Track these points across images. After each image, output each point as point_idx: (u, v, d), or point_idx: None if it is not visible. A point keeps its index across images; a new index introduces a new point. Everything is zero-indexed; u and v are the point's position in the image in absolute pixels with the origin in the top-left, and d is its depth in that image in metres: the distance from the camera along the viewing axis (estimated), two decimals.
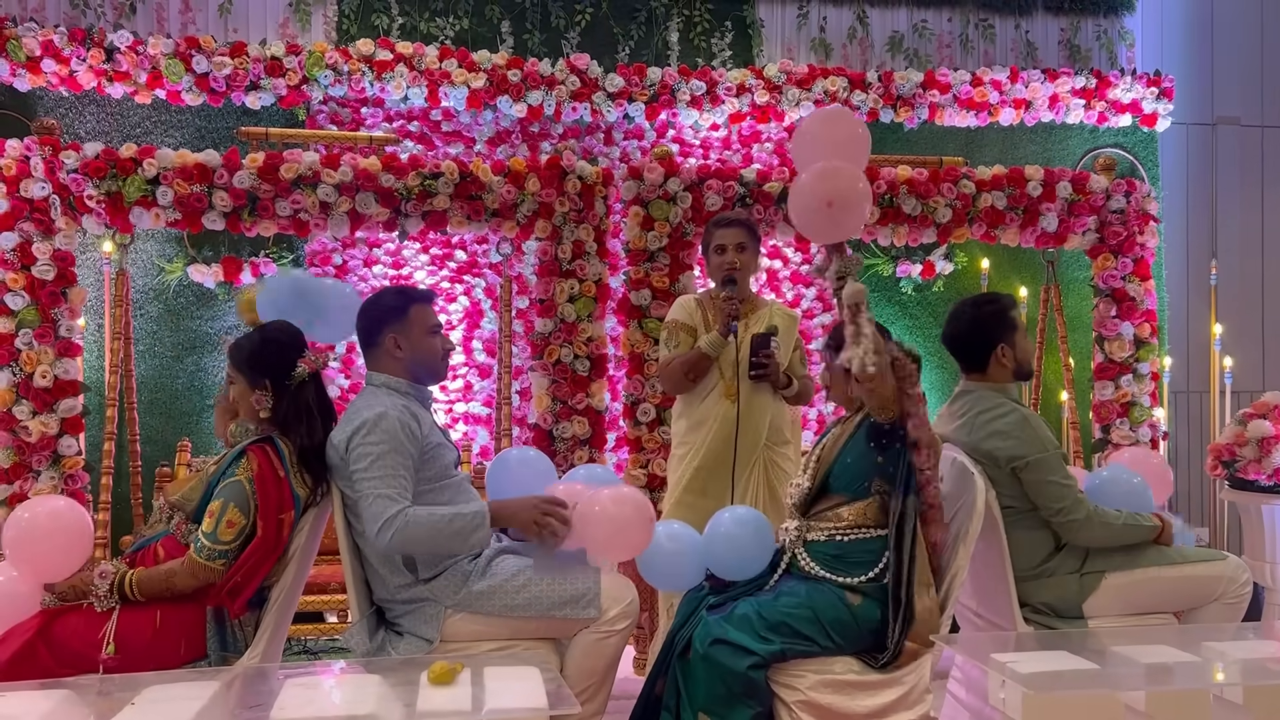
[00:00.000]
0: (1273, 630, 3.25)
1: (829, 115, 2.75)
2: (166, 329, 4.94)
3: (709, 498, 3.39)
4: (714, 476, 3.42)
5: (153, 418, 4.85)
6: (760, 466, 3.44)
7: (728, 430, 3.39)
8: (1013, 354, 3.07)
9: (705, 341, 3.42)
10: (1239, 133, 6.10)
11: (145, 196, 4.02)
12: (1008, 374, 3.08)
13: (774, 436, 3.46)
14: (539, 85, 5.02)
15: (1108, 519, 2.93)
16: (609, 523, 2.59)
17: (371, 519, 2.51)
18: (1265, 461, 3.99)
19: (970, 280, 5.49)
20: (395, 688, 2.13)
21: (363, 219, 4.17)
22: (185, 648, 2.54)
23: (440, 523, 2.52)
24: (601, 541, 2.61)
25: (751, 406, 3.40)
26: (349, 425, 2.61)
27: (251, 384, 2.68)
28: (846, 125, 2.67)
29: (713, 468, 3.42)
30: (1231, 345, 5.65)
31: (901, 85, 5.31)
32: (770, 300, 3.64)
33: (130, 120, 4.97)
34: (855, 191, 2.59)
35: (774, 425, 3.46)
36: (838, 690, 2.58)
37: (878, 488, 2.72)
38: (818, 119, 2.70)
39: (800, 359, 3.59)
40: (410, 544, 2.53)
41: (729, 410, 3.40)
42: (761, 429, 3.43)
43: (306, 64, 4.85)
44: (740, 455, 3.39)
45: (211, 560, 2.51)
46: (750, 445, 3.41)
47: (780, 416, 3.49)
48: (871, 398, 2.65)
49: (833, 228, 2.62)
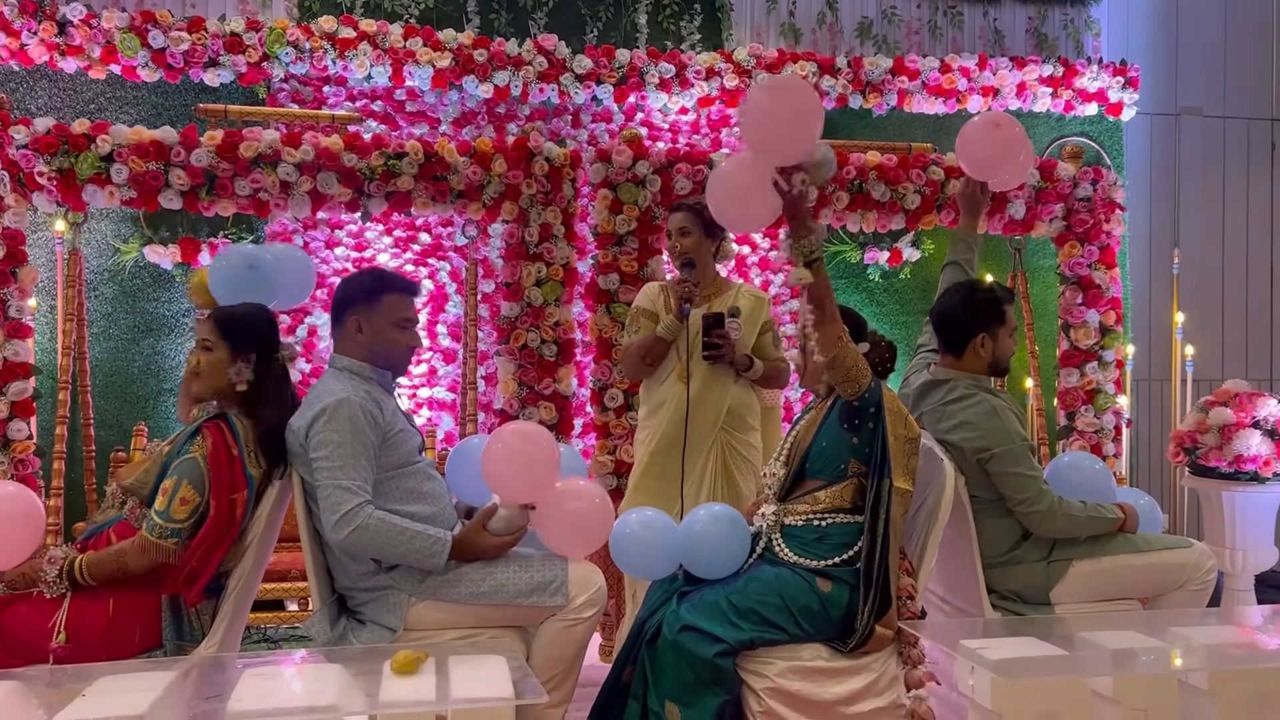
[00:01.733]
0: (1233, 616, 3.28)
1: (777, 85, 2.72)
2: (122, 311, 4.82)
3: (666, 481, 3.36)
4: (670, 459, 3.38)
5: (107, 401, 4.74)
6: (716, 451, 3.39)
7: (681, 413, 3.35)
8: (992, 346, 3.06)
9: (661, 325, 3.39)
10: (1202, 123, 6.16)
11: (99, 174, 3.92)
12: (983, 365, 3.07)
13: (734, 422, 3.41)
14: (505, 65, 4.95)
15: (1071, 510, 2.94)
16: (568, 519, 2.65)
17: (329, 509, 2.47)
18: (1226, 449, 4.02)
19: (937, 267, 5.47)
20: (357, 677, 2.08)
21: (324, 199, 4.08)
22: (140, 636, 2.48)
23: (400, 536, 2.49)
24: (562, 539, 2.67)
25: (706, 388, 3.35)
26: (309, 410, 2.55)
27: (234, 353, 2.61)
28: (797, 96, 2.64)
29: (667, 451, 3.38)
30: (1193, 334, 5.71)
31: (871, 71, 5.29)
32: (738, 283, 3.60)
33: (84, 96, 4.83)
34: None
35: (734, 410, 3.40)
36: (806, 677, 2.57)
37: (854, 470, 2.71)
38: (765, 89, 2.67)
39: (773, 341, 3.54)
40: (365, 546, 2.49)
41: (682, 392, 3.36)
42: (718, 412, 3.37)
43: (267, 41, 4.74)
44: (692, 438, 3.33)
45: (163, 539, 2.44)
46: (705, 428, 3.36)
47: (743, 402, 3.43)
48: (835, 373, 2.64)
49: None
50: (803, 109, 2.59)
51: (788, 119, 2.57)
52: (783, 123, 2.57)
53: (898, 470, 2.65)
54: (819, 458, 2.76)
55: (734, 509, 2.82)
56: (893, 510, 2.63)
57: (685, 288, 3.33)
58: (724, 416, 3.38)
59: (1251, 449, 3.97)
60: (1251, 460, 3.98)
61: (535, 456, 2.62)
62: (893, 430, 2.66)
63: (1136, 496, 3.22)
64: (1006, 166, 3.24)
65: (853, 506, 2.71)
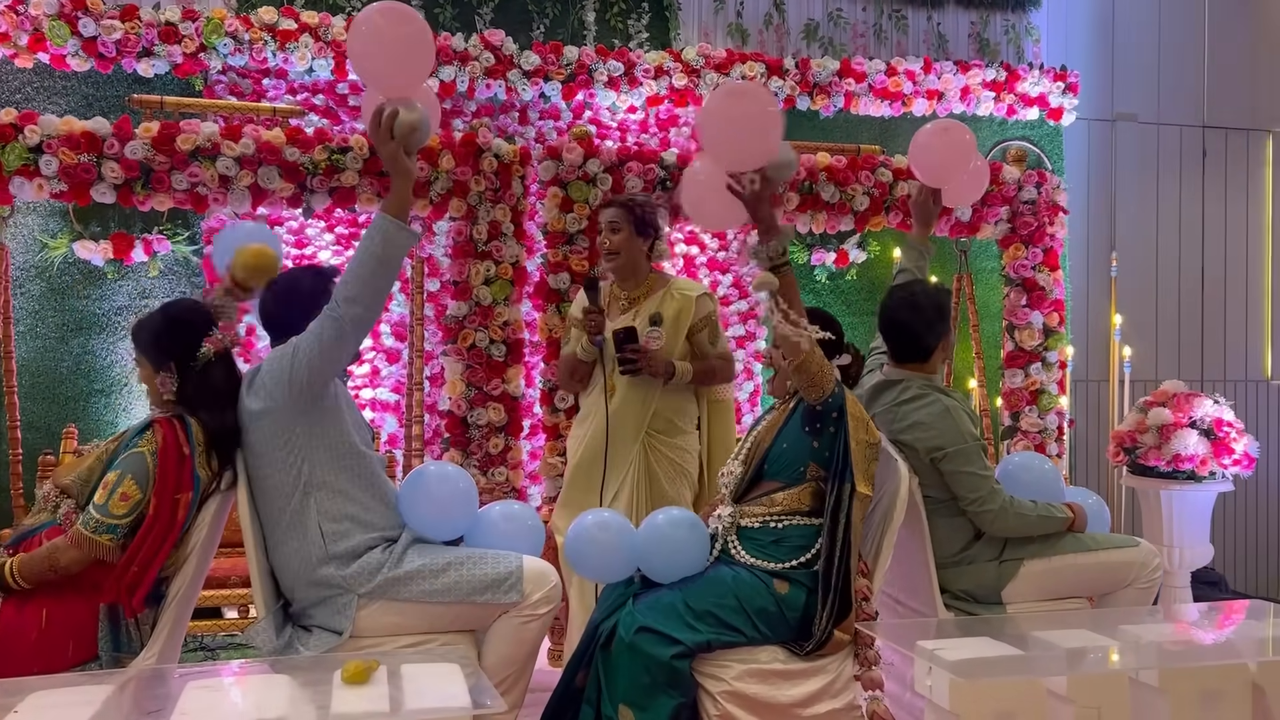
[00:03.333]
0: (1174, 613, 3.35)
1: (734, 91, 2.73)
2: (50, 309, 4.64)
3: (589, 494, 3.32)
4: (592, 473, 3.34)
5: (34, 403, 4.56)
6: (639, 459, 3.32)
7: (601, 428, 3.30)
8: (948, 342, 3.13)
9: (580, 348, 3.35)
10: (1137, 129, 6.30)
11: (26, 165, 3.76)
12: (934, 366, 3.10)
13: (661, 426, 3.34)
14: (451, 60, 4.87)
15: (1023, 510, 2.97)
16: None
17: (315, 326, 2.48)
18: (1165, 448, 4.11)
19: (883, 269, 5.53)
20: (306, 688, 2.01)
21: (265, 194, 3.97)
22: (74, 648, 2.37)
23: (365, 262, 2.45)
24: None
25: (627, 401, 3.30)
26: (278, 359, 2.52)
27: (156, 367, 2.55)
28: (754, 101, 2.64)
29: (589, 465, 3.35)
30: (1130, 335, 5.83)
31: (818, 73, 5.31)
32: (671, 279, 3.50)
33: (9, 85, 4.65)
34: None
35: (661, 415, 3.34)
36: (763, 680, 2.56)
37: (813, 474, 2.70)
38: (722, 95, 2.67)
39: (709, 338, 3.41)
40: (352, 286, 2.44)
41: (603, 407, 3.31)
42: (640, 422, 3.32)
43: (204, 31, 4.60)
44: (614, 451, 3.29)
45: (98, 533, 2.35)
46: (627, 439, 3.30)
47: (673, 406, 3.36)
48: (800, 377, 2.62)
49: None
50: (763, 118, 2.58)
51: (747, 128, 2.57)
52: (742, 131, 2.56)
53: (859, 475, 2.64)
54: (778, 459, 2.74)
55: (692, 513, 2.78)
56: (853, 514, 2.63)
57: (590, 320, 3.28)
58: (648, 423, 3.33)
59: (1189, 448, 4.06)
60: (1189, 459, 4.07)
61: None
62: (854, 435, 2.65)
63: (1084, 496, 3.26)
64: (958, 172, 3.30)
65: (810, 509, 2.70)
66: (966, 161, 3.31)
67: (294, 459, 2.51)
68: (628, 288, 3.44)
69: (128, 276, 4.71)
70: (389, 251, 2.45)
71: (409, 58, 2.53)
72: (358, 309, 2.44)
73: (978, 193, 3.53)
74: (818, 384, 2.63)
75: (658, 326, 3.32)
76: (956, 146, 3.28)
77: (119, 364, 4.71)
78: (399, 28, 2.50)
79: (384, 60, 2.51)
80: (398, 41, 2.50)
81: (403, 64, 2.53)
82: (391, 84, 2.53)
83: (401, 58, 2.52)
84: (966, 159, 3.31)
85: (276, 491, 2.53)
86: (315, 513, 2.50)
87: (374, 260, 2.44)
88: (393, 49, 2.49)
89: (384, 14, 2.51)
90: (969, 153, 3.31)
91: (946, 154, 3.29)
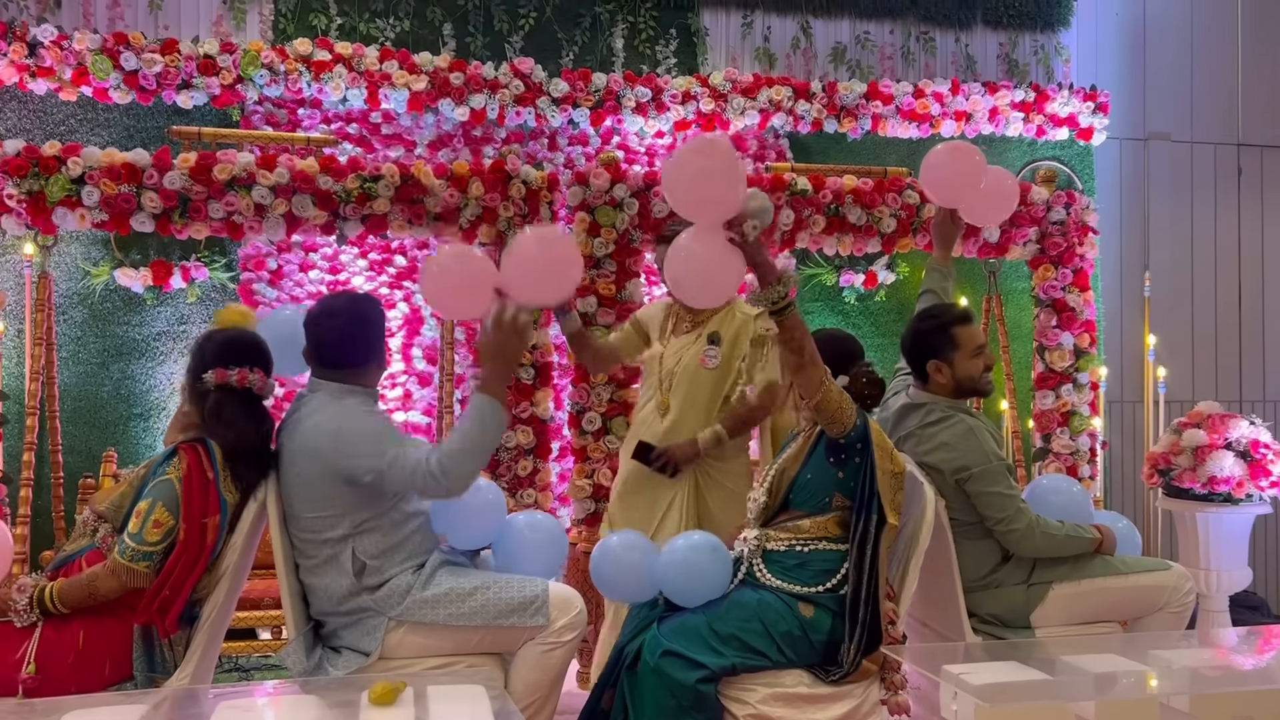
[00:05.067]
0: (1211, 638, 3.31)
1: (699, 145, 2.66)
2: (91, 335, 4.75)
3: (637, 511, 3.31)
4: (640, 493, 3.33)
5: (76, 427, 4.66)
6: (690, 485, 3.29)
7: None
8: (950, 371, 3.04)
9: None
10: (1170, 148, 6.25)
11: (69, 196, 3.86)
12: (947, 389, 3.07)
13: (713, 453, 3.30)
14: (482, 89, 4.94)
15: (1049, 529, 2.94)
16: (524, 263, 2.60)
17: (413, 468, 2.47)
18: (1200, 470, 4.06)
19: (912, 290, 5.52)
20: (334, 708, 2.05)
21: (299, 222, 4.05)
22: (110, 668, 2.42)
23: (473, 436, 2.49)
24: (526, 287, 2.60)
25: (681, 423, 3.28)
26: (330, 437, 2.54)
27: (187, 388, 2.65)
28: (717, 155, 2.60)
29: (637, 485, 3.34)
30: (1164, 356, 5.76)
31: (845, 96, 5.33)
32: (737, 300, 3.41)
33: (54, 118, 4.78)
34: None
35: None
36: (788, 704, 2.55)
37: (838, 504, 2.68)
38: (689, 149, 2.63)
39: (753, 362, 3.33)
40: (463, 469, 2.48)
41: (657, 427, 3.31)
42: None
43: (241, 63, 4.71)
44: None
45: (135, 562, 2.40)
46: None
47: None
48: (821, 415, 2.63)
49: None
50: (713, 164, 2.54)
51: (704, 177, 2.53)
52: (702, 182, 2.53)
53: (887, 506, 2.62)
54: (803, 489, 2.73)
55: (715, 537, 2.78)
56: (880, 545, 2.62)
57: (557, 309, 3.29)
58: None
59: (1224, 470, 4.01)
60: (1225, 481, 4.02)
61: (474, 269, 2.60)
62: (880, 466, 2.63)
63: (1114, 520, 3.23)
64: (969, 191, 3.26)
65: (836, 537, 2.69)
66: (976, 178, 3.26)
67: (335, 510, 2.55)
68: (692, 310, 3.39)
69: (166, 303, 4.82)
70: (487, 440, 2.52)
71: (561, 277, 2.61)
72: (466, 475, 2.51)
73: (1003, 211, 3.47)
74: (838, 420, 2.62)
75: (715, 345, 3.32)
76: (962, 164, 3.22)
77: (158, 389, 4.80)
78: (550, 251, 2.59)
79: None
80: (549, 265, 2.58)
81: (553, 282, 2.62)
82: (539, 297, 2.64)
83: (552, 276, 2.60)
84: (975, 176, 3.25)
85: (313, 528, 2.57)
86: (352, 552, 2.55)
87: (477, 444, 2.51)
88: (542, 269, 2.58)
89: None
90: (976, 168, 3.24)
91: (953, 172, 3.24)
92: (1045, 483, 3.36)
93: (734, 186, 2.51)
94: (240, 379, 2.59)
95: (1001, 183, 3.32)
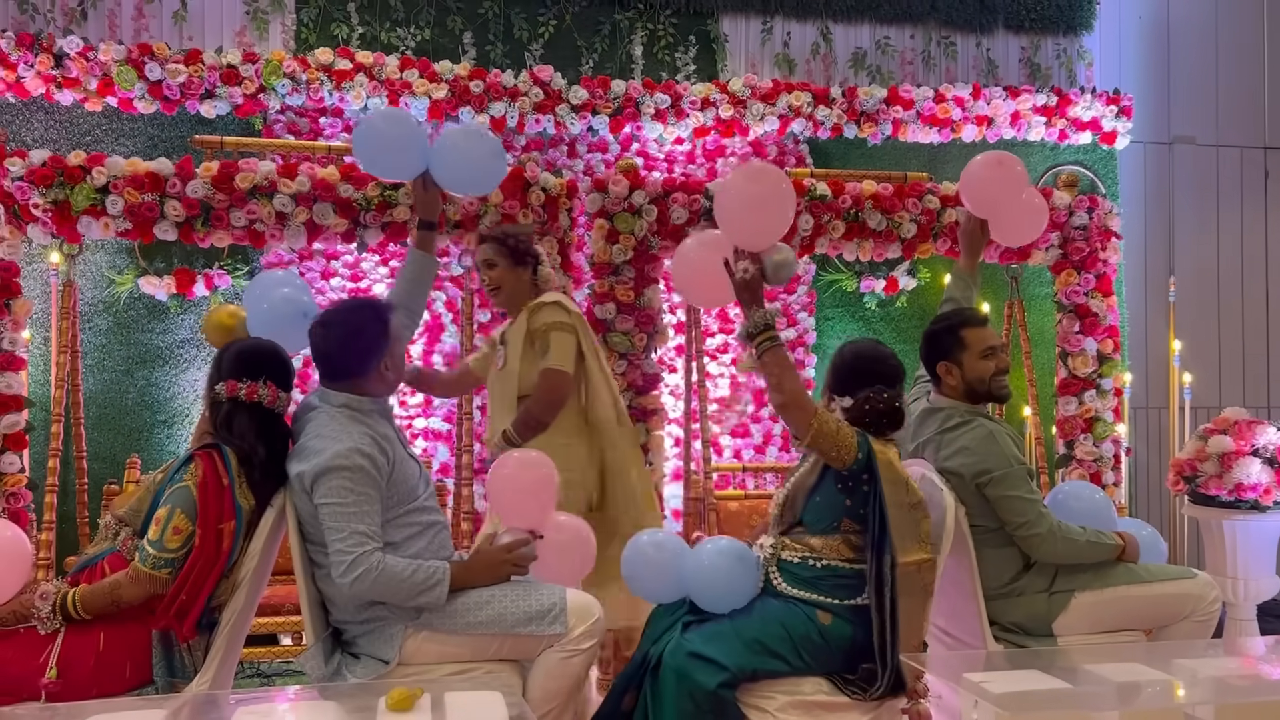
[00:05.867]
0: (1237, 647, 3.25)
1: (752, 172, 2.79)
2: (116, 342, 4.81)
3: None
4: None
5: (100, 433, 4.71)
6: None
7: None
8: (959, 372, 3.03)
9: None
10: (1195, 152, 6.20)
11: (94, 205, 3.91)
12: (959, 391, 3.05)
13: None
14: (501, 97, 4.97)
15: (1071, 535, 2.91)
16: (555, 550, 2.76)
17: (339, 557, 2.40)
18: (1226, 477, 4.01)
19: (933, 296, 5.50)
20: (352, 714, 2.05)
21: (320, 230, 4.08)
22: (131, 672, 2.43)
23: (403, 574, 2.44)
24: (551, 570, 2.75)
25: (494, 427, 3.35)
26: (315, 458, 2.47)
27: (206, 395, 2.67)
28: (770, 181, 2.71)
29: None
30: (1190, 361, 5.70)
31: (865, 101, 5.32)
32: (530, 304, 3.32)
33: (80, 128, 4.84)
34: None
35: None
36: (807, 711, 2.53)
37: (847, 528, 2.65)
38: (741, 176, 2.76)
39: (543, 349, 3.23)
40: (373, 592, 2.44)
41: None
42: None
43: (264, 73, 4.75)
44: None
45: (157, 569, 2.41)
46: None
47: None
48: (819, 451, 2.62)
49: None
50: (771, 198, 2.65)
51: (757, 207, 2.64)
52: (752, 209, 2.63)
53: (907, 542, 2.55)
54: (813, 510, 2.70)
55: (742, 544, 2.75)
56: (918, 581, 2.56)
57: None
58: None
59: (1251, 477, 3.95)
60: (1252, 488, 3.96)
61: (541, 483, 2.74)
62: (892, 500, 2.56)
63: (1138, 527, 3.19)
64: (1008, 205, 3.28)
65: (849, 558, 2.65)
66: (1018, 192, 3.30)
67: None
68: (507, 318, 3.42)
69: (190, 310, 4.86)
70: (414, 597, 2.50)
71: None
72: (367, 594, 2.47)
73: (1033, 231, 3.48)
74: (838, 456, 2.58)
75: (503, 347, 3.33)
76: (1008, 178, 3.27)
77: (181, 396, 4.85)
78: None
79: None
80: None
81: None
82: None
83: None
84: (1018, 190, 3.29)
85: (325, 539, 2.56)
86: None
87: (402, 590, 2.48)
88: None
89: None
90: (1020, 184, 3.29)
91: (999, 187, 3.29)
92: (1067, 489, 3.32)
93: (773, 227, 2.66)
94: (249, 393, 2.58)
95: (1033, 201, 3.36)
